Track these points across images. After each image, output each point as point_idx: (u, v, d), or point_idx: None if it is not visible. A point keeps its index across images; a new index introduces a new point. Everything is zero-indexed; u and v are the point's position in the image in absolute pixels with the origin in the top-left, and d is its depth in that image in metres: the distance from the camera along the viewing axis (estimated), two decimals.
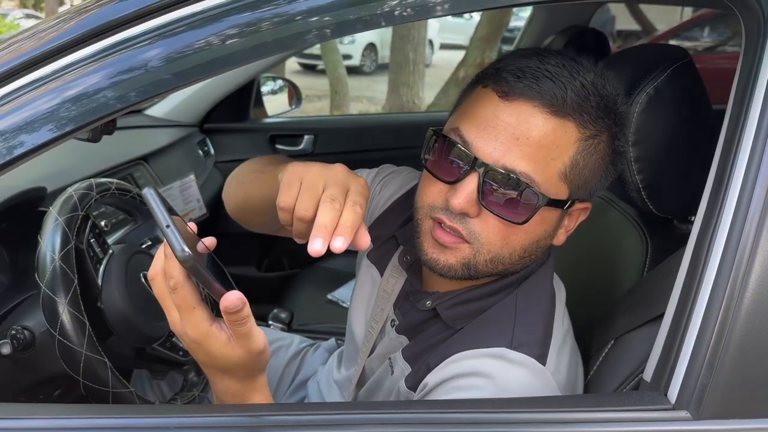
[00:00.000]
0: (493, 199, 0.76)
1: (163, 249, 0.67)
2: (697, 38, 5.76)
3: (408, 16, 0.65)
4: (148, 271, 0.69)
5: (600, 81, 0.77)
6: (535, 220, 0.77)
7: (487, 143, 0.75)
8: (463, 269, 0.80)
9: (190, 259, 0.60)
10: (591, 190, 0.82)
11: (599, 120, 0.77)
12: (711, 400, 0.66)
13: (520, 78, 0.74)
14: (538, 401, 0.73)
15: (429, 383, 0.81)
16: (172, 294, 0.66)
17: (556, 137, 0.75)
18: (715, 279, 0.67)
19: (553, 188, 0.77)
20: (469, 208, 0.76)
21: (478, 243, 0.78)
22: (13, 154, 0.66)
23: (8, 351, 0.95)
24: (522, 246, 0.80)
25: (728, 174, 0.69)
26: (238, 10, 0.66)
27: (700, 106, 0.97)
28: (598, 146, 0.78)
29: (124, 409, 0.83)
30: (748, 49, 0.70)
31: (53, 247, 0.94)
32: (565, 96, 0.74)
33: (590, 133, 0.76)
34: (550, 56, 0.76)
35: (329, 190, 0.68)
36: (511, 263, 0.81)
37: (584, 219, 0.85)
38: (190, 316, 0.66)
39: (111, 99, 0.65)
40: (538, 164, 0.75)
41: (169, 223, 0.62)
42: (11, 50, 0.71)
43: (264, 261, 2.43)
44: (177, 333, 0.68)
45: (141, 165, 1.76)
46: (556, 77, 0.74)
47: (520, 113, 0.74)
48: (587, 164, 0.78)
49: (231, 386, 0.70)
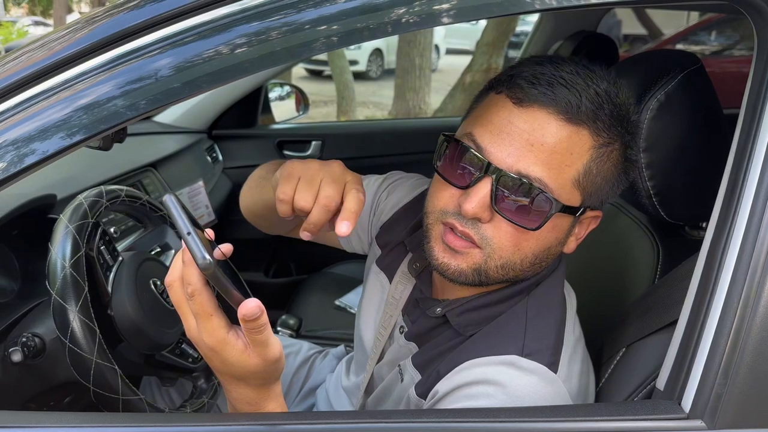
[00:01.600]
0: (505, 205, 0.76)
1: (180, 255, 0.67)
2: (704, 42, 5.74)
3: (414, 24, 0.65)
4: (166, 278, 0.69)
5: (613, 89, 0.77)
6: (548, 227, 0.77)
7: (500, 149, 0.75)
8: (473, 275, 0.80)
9: (210, 267, 0.60)
10: (603, 198, 0.82)
11: (612, 128, 0.77)
12: (726, 410, 0.65)
13: (534, 84, 0.74)
14: (549, 410, 0.72)
15: (440, 391, 0.81)
16: (190, 301, 0.66)
17: (571, 144, 0.75)
18: (729, 286, 0.66)
19: (566, 195, 0.77)
20: (481, 213, 0.76)
21: (489, 248, 0.78)
22: (25, 163, 0.67)
23: (19, 358, 0.95)
24: (533, 252, 0.80)
25: (742, 180, 0.68)
26: (247, 19, 0.66)
27: (711, 112, 0.97)
28: (611, 154, 0.78)
29: (135, 417, 0.83)
30: (761, 54, 0.70)
31: (64, 254, 0.94)
32: (580, 103, 0.74)
33: (604, 141, 0.77)
34: (565, 64, 0.77)
35: (326, 187, 0.74)
36: (522, 270, 0.81)
37: (594, 227, 0.85)
38: (207, 323, 0.66)
39: (121, 108, 0.66)
40: (552, 170, 0.75)
41: (190, 230, 0.62)
42: (23, 60, 0.72)
43: (272, 267, 2.43)
44: (193, 340, 0.68)
45: (150, 172, 1.77)
46: (570, 84, 0.74)
47: (534, 119, 0.74)
48: (600, 172, 0.78)
49: (246, 394, 0.70)
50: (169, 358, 1.09)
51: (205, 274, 0.61)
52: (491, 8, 0.65)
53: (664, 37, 5.62)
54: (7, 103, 0.68)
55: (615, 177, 0.81)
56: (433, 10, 0.65)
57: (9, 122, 0.67)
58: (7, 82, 0.68)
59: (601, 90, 0.75)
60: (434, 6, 0.65)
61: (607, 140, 0.77)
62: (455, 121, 0.96)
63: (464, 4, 0.65)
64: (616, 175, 0.81)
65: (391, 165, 1.21)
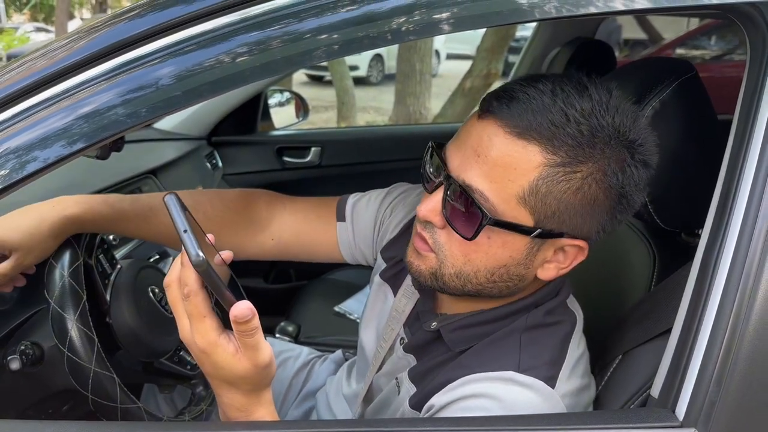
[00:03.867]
0: (451, 212, 0.77)
1: (180, 257, 0.68)
2: (704, 47, 5.75)
3: (415, 33, 0.66)
4: (165, 278, 0.70)
5: (599, 110, 0.72)
6: (495, 242, 0.76)
7: (455, 158, 0.77)
8: (431, 278, 0.82)
9: (203, 264, 0.62)
10: (573, 224, 0.76)
11: (578, 148, 0.71)
12: (719, 417, 0.65)
13: (498, 99, 0.74)
14: (544, 418, 0.72)
15: (435, 405, 0.81)
16: (185, 301, 0.67)
17: (515, 159, 0.72)
18: (722, 293, 0.67)
19: (511, 211, 0.74)
20: (431, 217, 0.79)
21: (442, 254, 0.80)
22: (26, 171, 0.67)
23: (17, 366, 0.95)
24: (486, 267, 0.79)
25: (735, 187, 0.69)
26: (247, 29, 0.67)
27: (705, 120, 0.97)
28: (571, 175, 0.72)
29: (132, 426, 0.83)
30: (753, 62, 0.71)
31: (62, 263, 0.94)
32: (533, 120, 0.71)
33: (561, 161, 0.72)
34: (542, 82, 0.73)
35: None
36: (480, 284, 0.80)
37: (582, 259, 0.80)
38: (199, 325, 0.67)
39: (122, 116, 0.66)
40: (494, 183, 0.73)
41: (187, 228, 0.63)
42: (24, 69, 0.72)
43: (271, 273, 2.44)
44: (185, 341, 0.69)
45: (150, 179, 1.77)
46: (532, 100, 0.71)
47: (485, 131, 0.74)
48: (551, 192, 0.73)
49: (236, 399, 0.71)
50: (167, 365, 1.09)
51: (198, 270, 0.63)
52: (491, 17, 0.66)
53: (664, 42, 5.63)
54: (9, 112, 0.69)
55: (583, 202, 0.74)
56: (433, 19, 0.65)
57: (10, 131, 0.68)
58: (8, 91, 0.69)
59: (576, 109, 0.71)
60: (434, 15, 0.65)
61: (566, 160, 0.72)
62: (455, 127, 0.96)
63: (464, 14, 0.65)
64: (584, 201, 0.74)
65: (391, 171, 1.21)
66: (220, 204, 1.07)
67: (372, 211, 1.08)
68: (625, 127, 0.73)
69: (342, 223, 1.09)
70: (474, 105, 4.76)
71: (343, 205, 1.10)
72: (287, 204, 1.10)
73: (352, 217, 1.09)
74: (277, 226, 1.09)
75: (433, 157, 0.81)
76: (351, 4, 0.66)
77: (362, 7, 0.66)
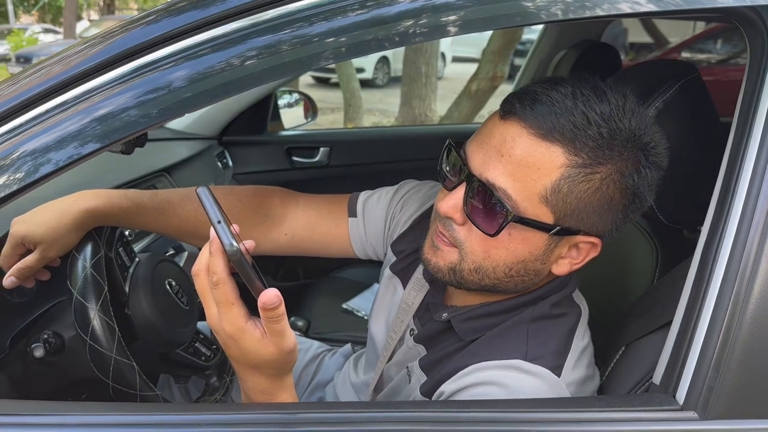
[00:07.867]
0: (473, 209, 0.79)
1: (207, 246, 0.71)
2: (710, 51, 5.76)
3: (421, 35, 0.68)
4: (193, 267, 0.72)
5: (617, 113, 0.75)
6: (516, 239, 0.79)
7: (477, 157, 0.79)
8: (449, 273, 0.84)
9: (237, 253, 0.64)
10: (590, 222, 0.79)
11: (598, 150, 0.74)
12: (717, 401, 0.68)
13: (521, 100, 0.77)
14: (550, 402, 0.75)
15: (445, 392, 0.84)
16: (214, 289, 0.69)
17: (538, 159, 0.75)
18: (721, 285, 0.69)
19: (533, 209, 0.77)
20: (453, 214, 0.81)
21: (462, 250, 0.82)
22: (43, 172, 0.69)
23: (41, 354, 0.98)
24: (505, 263, 0.81)
25: (733, 185, 0.71)
26: (258, 33, 0.69)
27: (707, 120, 1.00)
28: (591, 176, 0.75)
29: (156, 406, 0.86)
30: (753, 64, 0.73)
31: (85, 255, 0.97)
32: (556, 122, 0.74)
33: (582, 162, 0.74)
34: (563, 85, 0.76)
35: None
36: (497, 279, 0.83)
37: (595, 255, 0.83)
38: (228, 312, 0.69)
39: (136, 117, 0.68)
40: (518, 182, 0.76)
41: (221, 219, 0.66)
42: (41, 74, 0.75)
43: (279, 271, 2.46)
44: (213, 328, 0.71)
45: (163, 176, 1.80)
46: (555, 103, 0.74)
47: (508, 132, 0.77)
48: (572, 191, 0.75)
49: (260, 383, 0.74)
50: (182, 356, 1.12)
51: (232, 261, 0.65)
52: (498, 20, 0.68)
53: (669, 46, 5.64)
54: (27, 116, 0.71)
55: (601, 202, 0.77)
56: (440, 21, 0.67)
57: (28, 134, 0.70)
58: (26, 96, 0.71)
59: (596, 112, 0.74)
60: (441, 18, 0.67)
61: (587, 161, 0.74)
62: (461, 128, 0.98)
63: (471, 16, 0.67)
64: (602, 200, 0.77)
65: (398, 171, 1.23)
66: (235, 200, 1.10)
67: (383, 206, 1.11)
68: (641, 130, 0.76)
69: (353, 219, 1.12)
70: (480, 107, 4.78)
71: (354, 201, 1.13)
72: (300, 201, 1.14)
73: (364, 213, 1.12)
74: (290, 222, 1.12)
75: (450, 155, 0.83)
76: (360, 7, 0.68)
77: (371, 10, 0.68)
